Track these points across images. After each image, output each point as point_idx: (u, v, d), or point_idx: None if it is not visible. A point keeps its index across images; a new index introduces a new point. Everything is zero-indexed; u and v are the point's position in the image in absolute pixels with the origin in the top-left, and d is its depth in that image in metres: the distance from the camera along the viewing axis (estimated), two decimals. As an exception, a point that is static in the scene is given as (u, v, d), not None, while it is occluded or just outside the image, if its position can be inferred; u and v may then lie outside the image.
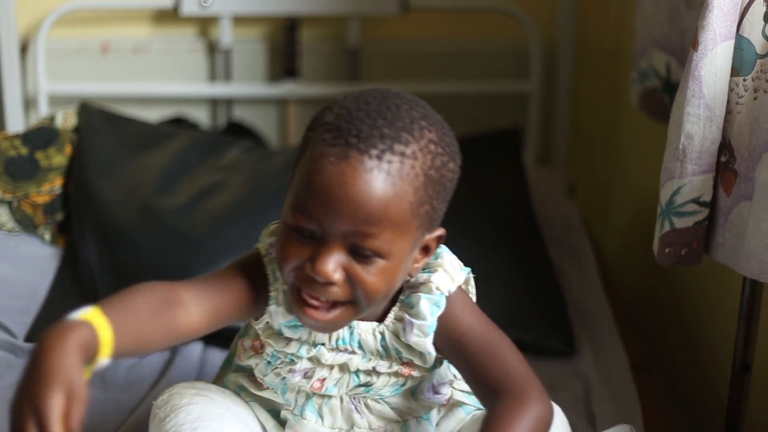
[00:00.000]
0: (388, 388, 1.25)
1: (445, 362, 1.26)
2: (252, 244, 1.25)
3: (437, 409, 1.30)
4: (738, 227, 1.31)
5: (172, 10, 2.31)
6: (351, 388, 1.24)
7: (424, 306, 1.19)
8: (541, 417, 1.14)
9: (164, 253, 1.81)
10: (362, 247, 1.09)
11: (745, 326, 1.42)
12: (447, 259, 1.22)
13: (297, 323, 1.20)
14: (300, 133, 2.49)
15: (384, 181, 1.08)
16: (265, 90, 2.38)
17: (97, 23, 2.37)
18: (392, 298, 1.21)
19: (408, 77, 2.43)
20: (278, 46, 2.39)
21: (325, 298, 1.12)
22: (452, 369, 1.28)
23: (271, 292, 1.20)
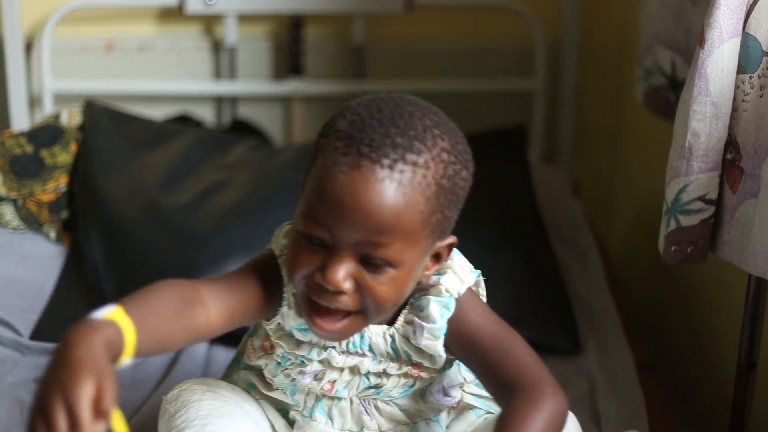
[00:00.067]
0: (398, 389, 1.24)
1: (456, 364, 1.26)
2: (257, 241, 1.25)
3: (447, 412, 1.29)
4: (744, 225, 1.31)
5: (177, 8, 2.30)
6: (361, 390, 1.24)
7: (434, 309, 1.18)
8: (556, 412, 1.14)
9: (169, 251, 1.81)
10: (373, 256, 1.09)
11: (750, 324, 1.42)
12: (457, 261, 1.21)
13: (308, 327, 1.19)
14: (305, 131, 2.51)
15: (395, 191, 1.07)
16: (269, 88, 2.38)
17: (102, 21, 2.37)
18: (402, 300, 1.20)
19: (413, 75, 2.43)
20: (283, 44, 2.39)
21: (334, 307, 1.12)
22: (463, 372, 1.27)
23: (285, 293, 1.20)
